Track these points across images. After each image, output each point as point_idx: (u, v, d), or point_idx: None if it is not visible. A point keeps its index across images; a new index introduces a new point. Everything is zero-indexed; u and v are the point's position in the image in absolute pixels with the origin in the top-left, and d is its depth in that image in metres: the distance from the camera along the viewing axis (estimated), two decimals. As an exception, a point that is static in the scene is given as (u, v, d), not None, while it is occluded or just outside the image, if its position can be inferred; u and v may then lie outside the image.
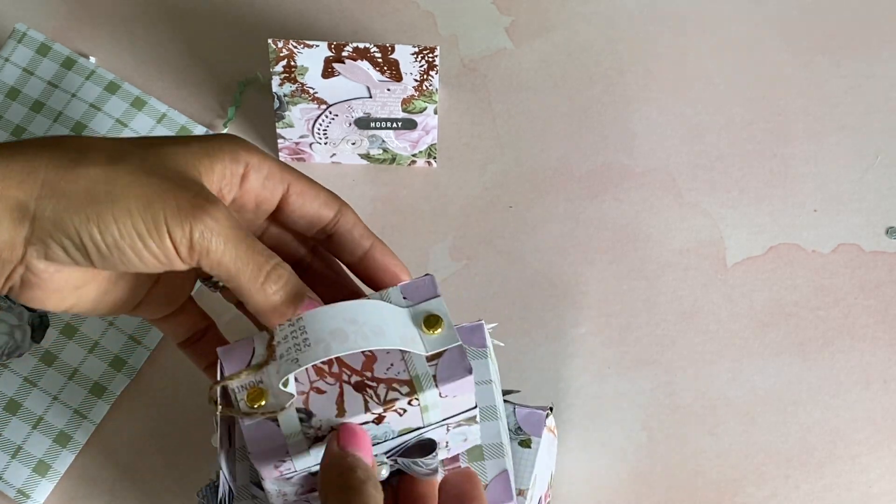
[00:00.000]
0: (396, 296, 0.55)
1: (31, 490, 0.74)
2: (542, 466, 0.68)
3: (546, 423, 0.68)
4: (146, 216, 0.50)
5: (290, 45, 0.75)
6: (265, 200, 0.57)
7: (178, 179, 0.51)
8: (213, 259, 0.51)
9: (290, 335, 0.52)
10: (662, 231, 0.81)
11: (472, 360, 0.61)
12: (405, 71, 0.76)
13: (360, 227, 0.59)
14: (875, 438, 0.76)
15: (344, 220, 0.59)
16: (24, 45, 0.83)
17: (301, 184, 0.58)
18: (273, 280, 0.53)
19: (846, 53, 0.86)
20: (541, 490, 0.69)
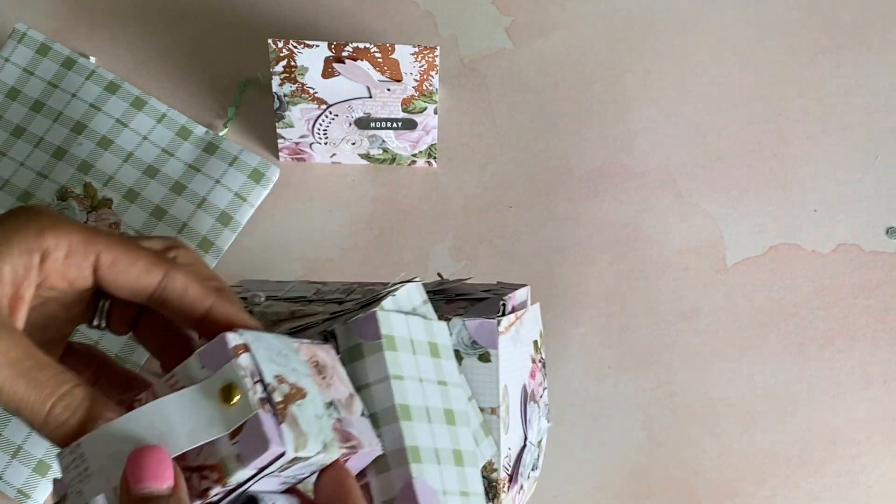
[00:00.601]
0: (195, 367, 0.49)
1: (31, 490, 0.74)
2: (510, 373, 0.64)
3: (501, 327, 0.62)
4: None
5: (290, 45, 0.75)
6: (76, 278, 0.52)
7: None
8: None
9: (73, 464, 0.49)
10: (662, 231, 0.81)
11: (367, 356, 0.55)
12: (405, 71, 0.76)
13: (194, 288, 0.53)
14: (875, 438, 0.76)
15: (171, 287, 0.53)
16: (24, 45, 0.83)
17: (112, 253, 0.52)
18: (61, 406, 0.49)
19: (846, 53, 0.86)
20: (517, 395, 0.65)
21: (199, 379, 0.48)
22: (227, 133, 0.83)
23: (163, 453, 0.47)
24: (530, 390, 0.67)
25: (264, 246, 0.81)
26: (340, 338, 0.56)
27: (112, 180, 0.80)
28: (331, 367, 0.53)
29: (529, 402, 0.67)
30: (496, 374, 0.61)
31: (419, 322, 0.59)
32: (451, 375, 0.59)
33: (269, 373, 0.48)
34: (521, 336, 0.65)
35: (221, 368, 0.48)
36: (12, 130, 0.81)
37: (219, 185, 0.80)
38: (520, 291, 0.66)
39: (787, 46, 0.86)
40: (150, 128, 0.81)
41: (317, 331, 0.58)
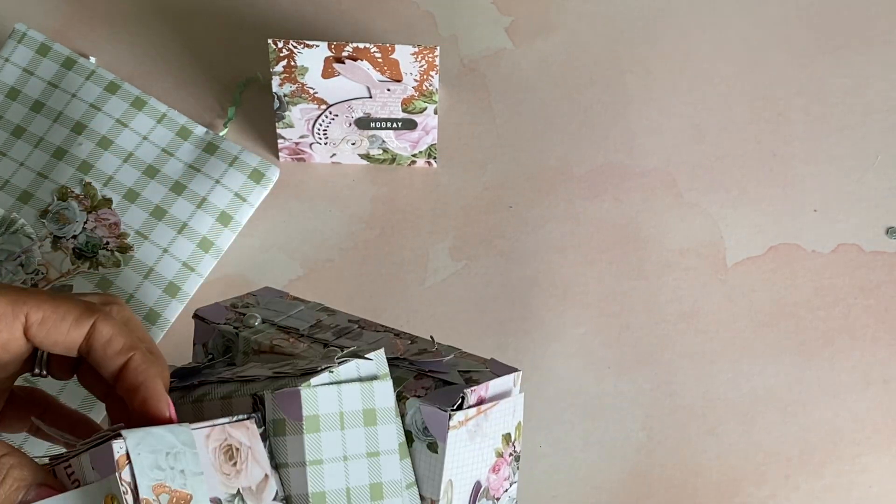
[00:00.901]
0: (87, 466, 0.49)
1: (31, 490, 0.74)
2: (461, 467, 0.60)
3: (453, 422, 0.58)
4: None
5: (290, 45, 0.75)
6: (8, 341, 0.52)
7: None
8: None
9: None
10: (662, 231, 0.81)
11: (288, 435, 0.53)
12: (405, 71, 0.76)
13: (118, 340, 0.52)
14: (875, 438, 0.76)
15: (97, 336, 0.52)
16: (24, 45, 0.83)
17: (41, 312, 0.52)
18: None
19: (846, 53, 0.86)
20: (468, 483, 0.61)
21: (90, 480, 0.48)
22: (227, 133, 0.83)
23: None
24: (485, 486, 0.63)
25: (264, 246, 0.81)
26: (268, 407, 0.53)
27: (112, 180, 0.80)
28: (246, 448, 0.52)
29: (481, 498, 0.63)
30: (440, 467, 0.57)
31: (355, 389, 0.55)
32: (386, 442, 0.56)
33: (147, 485, 0.47)
34: (482, 430, 0.60)
35: (105, 479, 0.47)
36: (12, 130, 0.81)
37: (219, 185, 0.80)
38: (500, 380, 0.61)
39: (787, 46, 0.86)
40: (150, 128, 0.81)
41: (252, 389, 0.55)
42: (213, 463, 0.50)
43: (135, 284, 0.78)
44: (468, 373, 0.61)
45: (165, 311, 0.78)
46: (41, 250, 0.78)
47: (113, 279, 0.78)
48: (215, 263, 0.79)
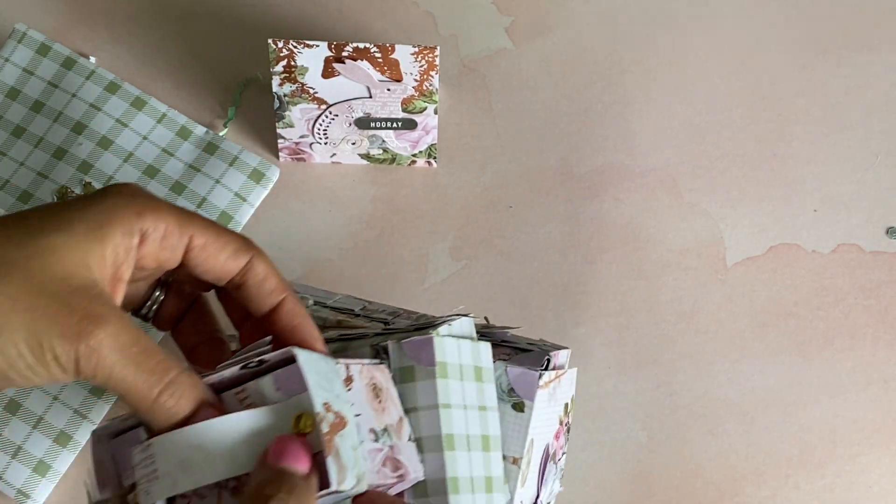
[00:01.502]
0: (269, 387, 0.50)
1: (31, 490, 0.74)
2: (540, 425, 0.64)
3: (539, 383, 0.62)
4: (32, 343, 0.47)
5: (290, 45, 0.75)
6: (167, 260, 0.52)
7: (68, 294, 0.48)
8: (101, 381, 0.48)
9: (143, 462, 0.49)
10: (662, 231, 0.81)
11: (419, 381, 0.56)
12: (405, 71, 0.76)
13: (272, 280, 0.54)
14: (875, 438, 0.76)
15: (252, 273, 0.54)
16: (24, 45, 0.83)
17: (204, 237, 0.53)
18: (168, 394, 0.49)
19: (846, 53, 0.86)
20: (540, 447, 0.65)
21: (273, 400, 0.49)
22: (227, 133, 0.83)
23: (303, 444, 0.48)
24: (552, 451, 0.67)
25: (264, 246, 0.80)
26: (393, 356, 0.56)
27: (112, 180, 0.80)
28: (385, 389, 0.54)
29: (549, 461, 0.67)
30: (526, 426, 0.61)
31: (468, 346, 0.59)
32: (490, 400, 0.60)
33: (319, 401, 0.49)
34: (556, 395, 0.65)
35: (296, 397, 0.49)
36: (12, 130, 0.81)
37: (219, 185, 0.80)
38: (562, 353, 0.66)
39: (787, 46, 0.86)
40: (150, 128, 0.81)
41: (368, 342, 0.58)
42: (366, 397, 0.52)
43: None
44: (532, 344, 0.65)
45: (165, 311, 0.78)
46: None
47: (113, 279, 0.78)
48: (215, 263, 0.79)
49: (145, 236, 0.51)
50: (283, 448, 0.48)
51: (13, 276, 0.48)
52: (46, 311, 0.47)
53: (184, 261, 0.53)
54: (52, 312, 0.47)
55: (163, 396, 0.49)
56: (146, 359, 0.49)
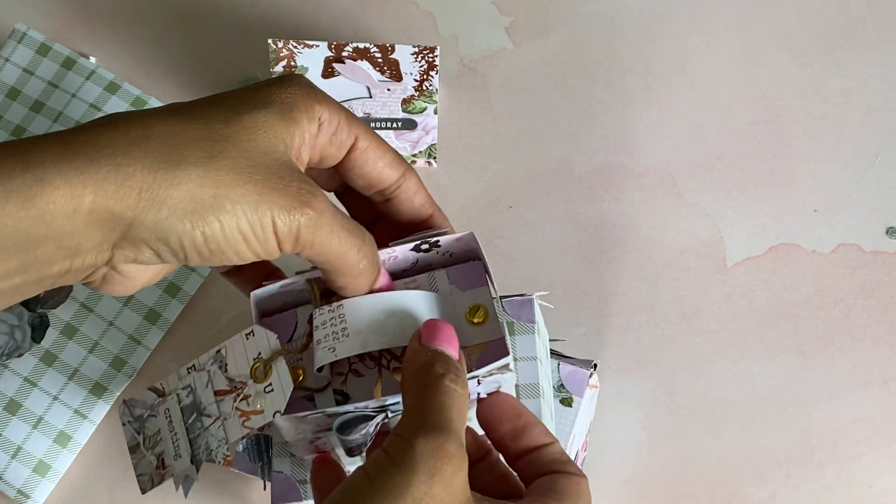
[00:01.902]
0: (443, 281, 0.54)
1: (31, 490, 0.74)
2: (581, 424, 0.69)
3: (589, 382, 0.69)
4: (253, 217, 0.47)
5: (290, 45, 0.75)
6: (330, 156, 0.53)
7: (278, 168, 0.48)
8: (317, 250, 0.49)
9: (330, 322, 0.52)
10: (662, 231, 0.81)
11: (520, 335, 0.61)
12: (405, 71, 0.76)
13: (422, 194, 0.56)
14: (875, 438, 0.76)
15: (406, 186, 0.55)
16: (24, 45, 0.83)
17: (367, 140, 0.53)
18: (367, 259, 0.51)
19: (846, 53, 0.86)
20: (578, 445, 0.69)
21: (446, 292, 0.54)
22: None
23: (452, 330, 0.50)
24: (583, 455, 0.73)
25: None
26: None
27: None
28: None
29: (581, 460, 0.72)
30: (574, 419, 0.67)
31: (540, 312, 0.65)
32: (546, 358, 0.65)
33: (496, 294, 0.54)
34: (591, 404, 0.70)
35: (474, 289, 0.53)
36: (12, 130, 0.81)
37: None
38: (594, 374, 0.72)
39: (787, 46, 0.86)
40: (150, 128, 0.81)
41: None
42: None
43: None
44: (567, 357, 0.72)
45: (165, 311, 0.78)
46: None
47: (113, 279, 0.78)
48: (215, 263, 0.79)
49: (321, 126, 0.51)
50: (438, 330, 0.50)
51: (228, 150, 0.48)
52: (267, 183, 0.48)
53: (344, 161, 0.53)
54: (272, 185, 0.48)
55: (363, 262, 0.51)
56: (352, 226, 0.50)
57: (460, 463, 0.46)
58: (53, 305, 0.77)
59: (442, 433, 0.46)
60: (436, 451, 0.45)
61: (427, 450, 0.45)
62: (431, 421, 0.46)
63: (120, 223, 0.46)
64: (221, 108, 0.49)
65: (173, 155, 0.47)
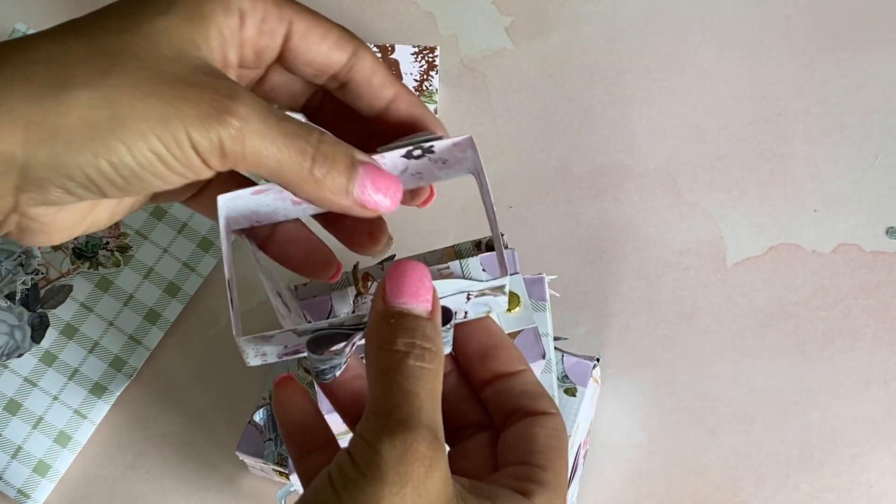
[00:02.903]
0: (476, 267, 0.53)
1: (31, 490, 0.74)
2: (584, 416, 0.69)
3: (592, 374, 0.69)
4: (164, 135, 0.41)
5: (290, 45, 0.75)
6: (266, 48, 0.47)
7: (188, 74, 0.42)
8: (250, 161, 0.43)
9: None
10: (662, 231, 0.81)
11: (533, 312, 0.61)
12: (405, 71, 0.76)
13: (381, 73, 0.48)
14: (875, 438, 0.76)
15: (360, 66, 0.48)
16: (24, 45, 0.83)
17: (305, 21, 0.47)
18: (320, 162, 0.44)
19: (846, 53, 0.86)
20: (580, 437, 0.69)
21: (481, 279, 0.52)
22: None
23: (425, 272, 0.43)
24: (584, 451, 0.73)
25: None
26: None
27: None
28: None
29: (579, 459, 0.72)
30: (577, 408, 0.66)
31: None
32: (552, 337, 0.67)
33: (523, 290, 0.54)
34: (593, 399, 0.70)
35: (505, 278, 0.48)
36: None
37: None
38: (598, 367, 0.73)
39: (787, 46, 0.86)
40: (150, 128, 0.81)
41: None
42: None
43: (135, 284, 0.78)
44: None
45: (165, 312, 0.78)
46: (41, 250, 0.78)
47: (113, 279, 0.78)
48: (216, 263, 0.79)
49: (244, 18, 0.45)
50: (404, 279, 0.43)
51: (124, 64, 0.42)
52: (175, 93, 0.41)
53: (284, 52, 0.47)
54: (181, 94, 0.41)
55: (316, 164, 0.44)
56: (288, 127, 0.44)
57: (434, 461, 0.41)
58: (53, 305, 0.77)
59: (410, 431, 0.40)
60: (404, 455, 0.40)
61: (394, 456, 0.40)
62: (396, 416, 0.41)
63: (13, 165, 0.41)
64: (116, 18, 0.44)
65: (59, 78, 0.41)
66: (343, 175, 0.44)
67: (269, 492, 0.75)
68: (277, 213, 0.49)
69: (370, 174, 0.45)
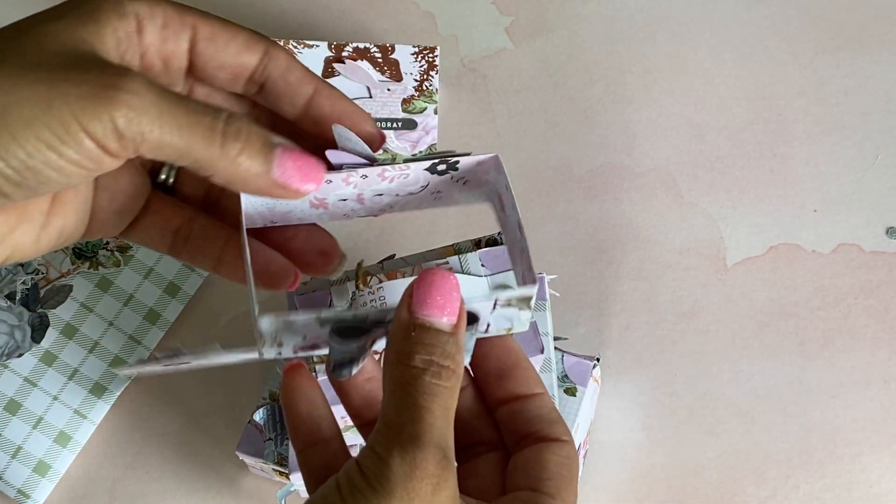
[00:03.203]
0: (475, 262, 0.54)
1: (31, 490, 0.74)
2: (584, 415, 0.69)
3: (592, 374, 0.69)
4: (50, 120, 0.39)
5: (290, 45, 0.75)
6: (172, 55, 0.45)
7: (71, 62, 0.40)
8: (153, 142, 0.40)
9: (370, 303, 0.51)
10: (662, 231, 0.81)
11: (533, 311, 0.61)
12: (405, 71, 0.76)
13: (297, 69, 0.46)
14: (875, 438, 0.76)
15: (274, 65, 0.46)
16: (24, 45, 0.83)
17: (209, 26, 0.45)
18: (232, 137, 0.41)
19: (846, 53, 0.86)
20: (581, 437, 0.70)
21: (480, 275, 0.53)
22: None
23: (454, 283, 0.42)
24: (584, 451, 0.73)
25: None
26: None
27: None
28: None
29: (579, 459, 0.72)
30: (577, 408, 0.67)
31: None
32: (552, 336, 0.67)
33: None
34: (593, 400, 0.71)
35: (505, 273, 0.51)
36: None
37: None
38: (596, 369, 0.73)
39: (787, 46, 0.86)
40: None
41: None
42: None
43: (135, 284, 0.78)
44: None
45: (165, 312, 0.78)
46: (41, 250, 0.78)
47: (113, 279, 0.78)
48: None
49: (143, 24, 0.43)
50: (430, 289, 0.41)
51: (6, 59, 0.40)
52: (58, 75, 0.39)
53: (193, 58, 0.45)
54: (61, 77, 0.39)
55: (227, 140, 0.41)
56: (189, 103, 0.41)
57: (442, 479, 0.40)
58: (53, 305, 0.77)
59: (420, 448, 0.40)
60: (413, 471, 0.40)
61: (403, 472, 0.40)
62: (409, 432, 0.40)
63: None
64: (13, 28, 0.42)
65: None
66: (259, 153, 0.42)
67: (269, 492, 0.75)
68: (293, 214, 0.48)
69: (289, 153, 0.42)
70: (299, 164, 0.42)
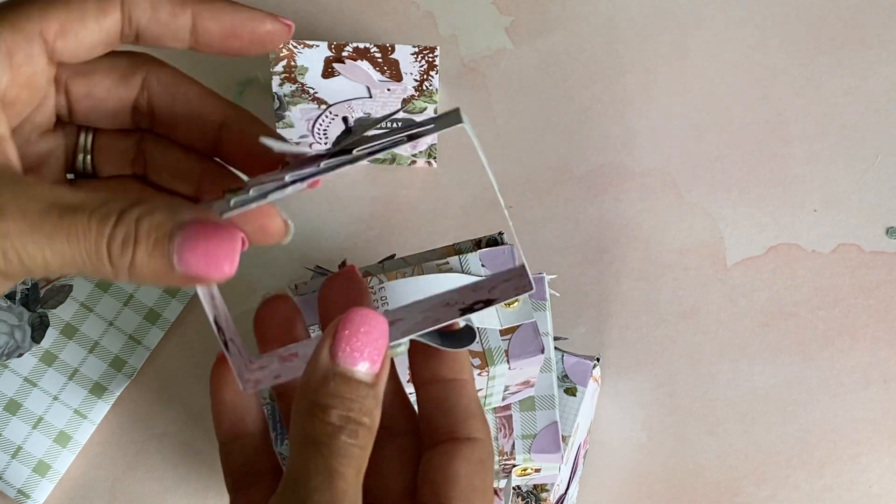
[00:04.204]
0: (475, 262, 0.55)
1: (31, 490, 0.74)
2: (584, 415, 0.69)
3: (592, 373, 0.69)
4: None
5: (290, 45, 0.75)
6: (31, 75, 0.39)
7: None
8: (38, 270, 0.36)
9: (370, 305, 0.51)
10: (662, 231, 0.81)
11: (533, 311, 0.62)
12: (405, 71, 0.76)
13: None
14: (875, 438, 0.76)
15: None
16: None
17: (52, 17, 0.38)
18: (118, 250, 0.35)
19: (846, 53, 0.86)
20: (581, 437, 0.70)
21: (480, 276, 0.55)
22: (227, 133, 0.83)
23: (384, 329, 0.38)
24: (584, 451, 0.73)
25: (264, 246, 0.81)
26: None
27: (112, 180, 0.80)
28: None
29: (579, 459, 0.72)
30: (577, 408, 0.68)
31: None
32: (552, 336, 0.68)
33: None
34: (594, 398, 0.71)
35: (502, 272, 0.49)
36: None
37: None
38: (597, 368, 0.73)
39: (787, 46, 0.86)
40: (150, 128, 0.81)
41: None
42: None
43: (135, 284, 0.78)
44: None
45: (165, 311, 0.78)
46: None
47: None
48: (215, 263, 0.79)
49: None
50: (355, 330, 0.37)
51: None
52: None
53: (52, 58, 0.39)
54: None
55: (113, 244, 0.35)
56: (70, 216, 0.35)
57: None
58: (53, 305, 0.77)
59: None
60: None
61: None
62: (318, 500, 0.36)
63: None
64: None
65: None
66: (156, 249, 0.35)
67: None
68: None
69: (191, 240, 0.35)
70: (203, 250, 0.35)
